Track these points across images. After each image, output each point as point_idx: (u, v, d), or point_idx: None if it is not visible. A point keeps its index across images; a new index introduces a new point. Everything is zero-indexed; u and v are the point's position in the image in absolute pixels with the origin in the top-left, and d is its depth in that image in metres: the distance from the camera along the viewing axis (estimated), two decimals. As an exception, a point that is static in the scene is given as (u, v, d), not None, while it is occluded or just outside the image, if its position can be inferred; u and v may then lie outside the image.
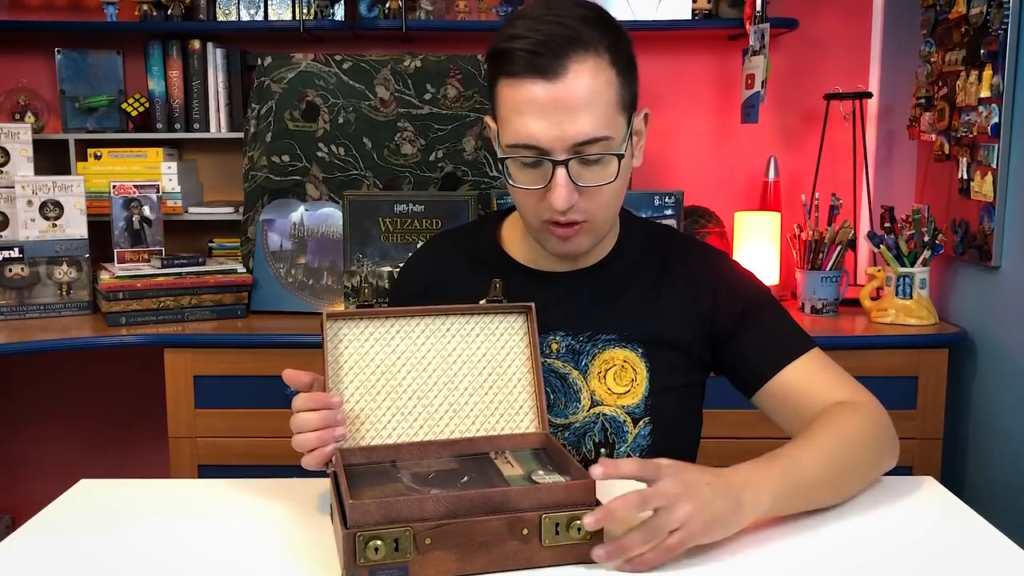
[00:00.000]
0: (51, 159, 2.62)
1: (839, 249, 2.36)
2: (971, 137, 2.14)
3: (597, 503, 0.96)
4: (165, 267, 2.36)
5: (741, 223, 2.59)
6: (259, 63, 2.51)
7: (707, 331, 1.27)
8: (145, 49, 2.62)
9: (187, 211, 2.61)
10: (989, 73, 2.06)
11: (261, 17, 2.58)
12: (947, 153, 2.26)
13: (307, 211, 2.48)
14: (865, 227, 2.61)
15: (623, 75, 1.13)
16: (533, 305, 1.16)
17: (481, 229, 1.36)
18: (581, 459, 1.24)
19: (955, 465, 2.26)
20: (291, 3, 2.57)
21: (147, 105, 2.63)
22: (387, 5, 2.54)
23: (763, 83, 2.47)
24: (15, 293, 2.39)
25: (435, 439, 1.11)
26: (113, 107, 2.66)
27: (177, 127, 2.63)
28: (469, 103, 2.51)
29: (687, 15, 2.54)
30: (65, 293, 2.43)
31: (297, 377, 1.11)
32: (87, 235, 2.45)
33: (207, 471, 2.20)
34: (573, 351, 1.25)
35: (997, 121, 2.03)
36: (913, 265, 2.26)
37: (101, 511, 1.14)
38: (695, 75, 2.75)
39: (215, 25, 2.58)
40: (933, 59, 2.32)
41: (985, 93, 2.07)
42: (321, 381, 1.10)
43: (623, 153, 1.14)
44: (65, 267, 2.42)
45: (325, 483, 1.15)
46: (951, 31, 2.23)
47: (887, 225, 2.30)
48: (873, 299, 2.35)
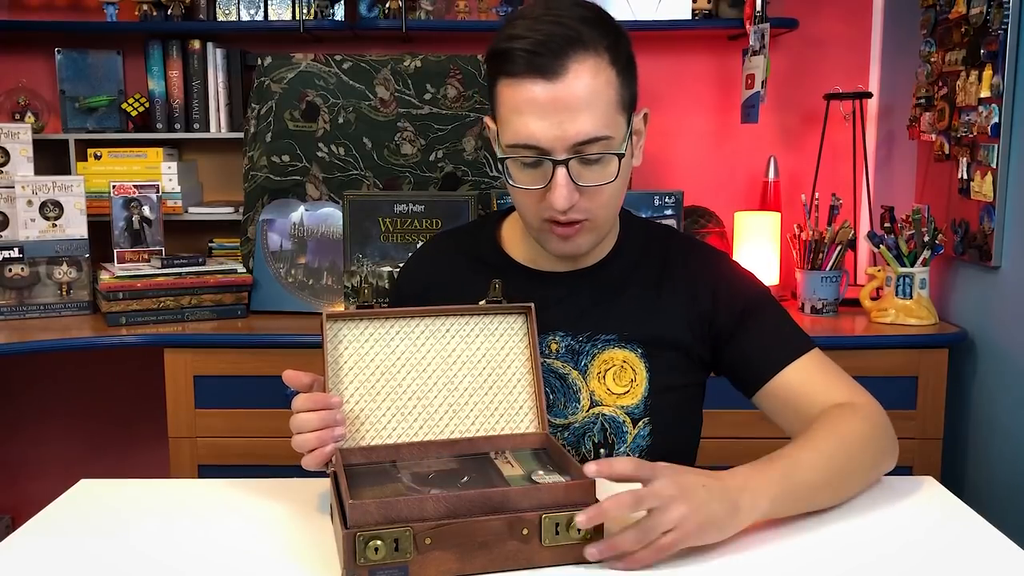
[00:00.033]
0: (51, 159, 2.62)
1: (839, 249, 2.36)
2: (971, 137, 2.14)
3: (597, 503, 0.96)
4: (165, 267, 2.36)
5: (741, 223, 2.59)
6: (259, 63, 2.51)
7: (707, 331, 1.27)
8: (145, 49, 2.62)
9: (187, 211, 2.61)
10: (989, 73, 2.06)
11: (261, 17, 2.58)
12: (947, 153, 2.26)
13: (307, 211, 2.48)
14: (865, 227, 2.61)
15: (623, 75, 1.14)
16: (533, 305, 1.16)
17: (481, 229, 1.37)
18: (580, 459, 1.23)
19: (955, 465, 2.26)
20: (291, 3, 2.57)
21: (147, 105, 2.63)
22: (387, 5, 2.54)
23: (763, 83, 2.47)
24: (15, 293, 2.39)
25: (435, 439, 1.11)
26: (113, 107, 2.66)
27: (177, 127, 2.63)
28: (469, 103, 2.50)
29: (687, 15, 2.54)
30: (65, 293, 2.43)
31: (297, 378, 1.11)
32: (87, 235, 2.45)
33: (207, 471, 2.20)
34: (573, 351, 1.25)
35: (997, 121, 2.03)
36: (913, 265, 2.26)
37: (101, 511, 1.14)
38: (695, 75, 2.75)
39: (215, 25, 2.58)
40: (933, 59, 2.32)
41: (985, 93, 2.07)
42: (321, 382, 1.10)
43: (623, 152, 1.14)
44: (65, 267, 2.42)
45: (325, 483, 1.15)
46: (951, 31, 2.23)
47: (887, 225, 2.30)
48: (873, 299, 2.35)
